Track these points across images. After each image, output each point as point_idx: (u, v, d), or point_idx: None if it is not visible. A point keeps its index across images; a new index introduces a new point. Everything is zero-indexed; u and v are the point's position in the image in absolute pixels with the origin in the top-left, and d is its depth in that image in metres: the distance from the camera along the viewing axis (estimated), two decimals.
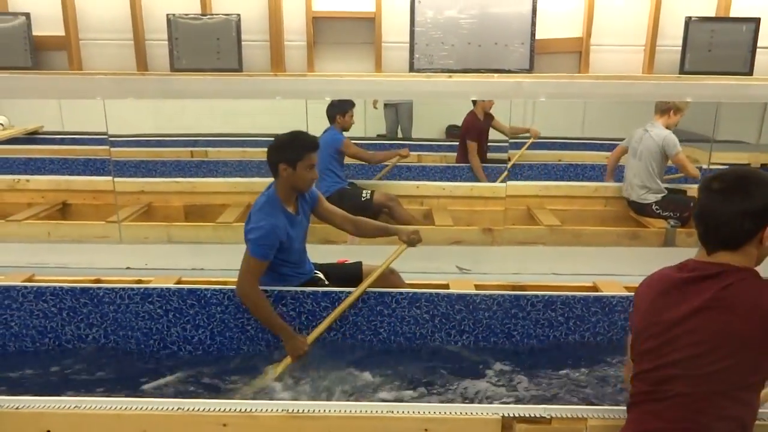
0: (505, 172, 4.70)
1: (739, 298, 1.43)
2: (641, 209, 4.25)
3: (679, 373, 1.48)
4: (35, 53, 3.33)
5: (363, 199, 4.20)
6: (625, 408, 1.71)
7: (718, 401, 1.45)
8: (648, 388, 1.54)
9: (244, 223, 2.72)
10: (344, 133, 4.37)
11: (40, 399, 1.99)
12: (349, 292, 2.76)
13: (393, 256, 2.81)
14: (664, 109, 4.15)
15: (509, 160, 4.68)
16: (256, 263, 2.59)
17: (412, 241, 2.80)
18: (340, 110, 4.29)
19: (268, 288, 2.77)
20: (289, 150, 2.63)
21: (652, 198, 4.18)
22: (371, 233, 2.97)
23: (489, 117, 4.86)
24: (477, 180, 4.72)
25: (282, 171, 2.63)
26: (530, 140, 5.04)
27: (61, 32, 3.31)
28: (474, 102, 4.75)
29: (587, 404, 2.32)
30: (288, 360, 2.59)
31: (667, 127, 4.16)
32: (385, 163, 4.75)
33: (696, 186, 4.26)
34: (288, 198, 2.70)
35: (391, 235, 2.90)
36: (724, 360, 1.43)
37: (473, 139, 4.76)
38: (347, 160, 4.50)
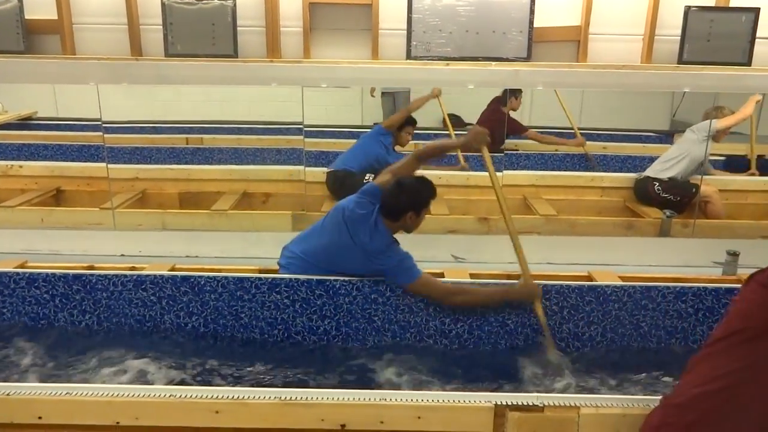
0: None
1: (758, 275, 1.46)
2: (644, 187, 4.26)
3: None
4: (27, 37, 3.30)
5: (365, 182, 4.20)
6: (616, 397, 1.72)
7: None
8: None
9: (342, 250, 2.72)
10: (398, 148, 4.38)
11: (31, 385, 1.99)
12: (344, 282, 2.75)
13: (489, 167, 2.74)
14: (706, 118, 4.18)
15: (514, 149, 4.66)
16: (424, 278, 2.67)
17: (481, 141, 2.72)
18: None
19: (263, 276, 2.77)
20: (419, 198, 2.67)
21: (663, 175, 4.19)
22: (433, 155, 2.96)
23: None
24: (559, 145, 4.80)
25: (408, 219, 2.67)
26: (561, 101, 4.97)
27: (54, 16, 3.28)
28: (505, 99, 4.63)
29: (580, 393, 2.32)
30: (538, 306, 2.63)
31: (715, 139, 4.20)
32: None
33: (695, 175, 4.30)
34: (395, 233, 2.75)
35: (454, 148, 2.98)
36: (731, 336, 1.46)
37: (524, 130, 4.75)
38: None
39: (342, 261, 2.73)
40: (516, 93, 4.61)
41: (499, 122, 4.71)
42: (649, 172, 4.32)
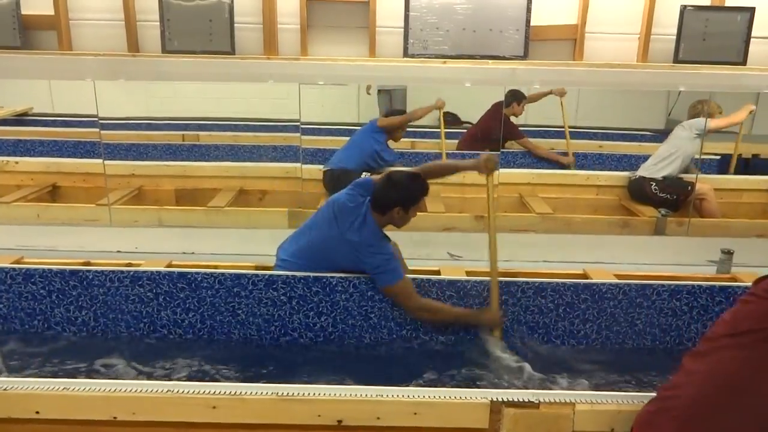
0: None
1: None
2: (640, 189, 4.27)
3: (718, 334, 1.53)
4: (24, 32, 3.29)
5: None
6: (612, 393, 1.73)
7: (743, 366, 1.48)
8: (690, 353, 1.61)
9: (330, 243, 2.70)
10: (390, 143, 4.41)
11: (28, 380, 1.98)
12: (341, 279, 2.75)
13: (489, 191, 2.76)
14: (693, 114, 4.19)
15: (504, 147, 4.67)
16: (403, 283, 2.65)
17: (490, 169, 2.74)
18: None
19: (260, 273, 2.77)
20: (408, 193, 2.65)
21: (657, 173, 4.21)
22: (440, 174, 2.92)
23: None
24: (551, 161, 4.80)
25: (395, 213, 2.64)
26: (562, 108, 4.87)
27: (51, 11, 3.27)
28: (508, 102, 4.62)
29: (575, 389, 2.34)
30: (498, 333, 2.65)
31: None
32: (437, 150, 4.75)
33: (690, 175, 4.32)
34: (384, 228, 2.73)
35: (463, 170, 2.89)
36: (742, 336, 1.47)
37: (522, 136, 4.77)
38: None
39: (332, 255, 2.72)
40: (519, 99, 4.62)
41: (498, 125, 4.75)
42: (643, 172, 4.33)
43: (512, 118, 4.77)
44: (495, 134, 4.67)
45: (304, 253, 2.78)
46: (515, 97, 4.61)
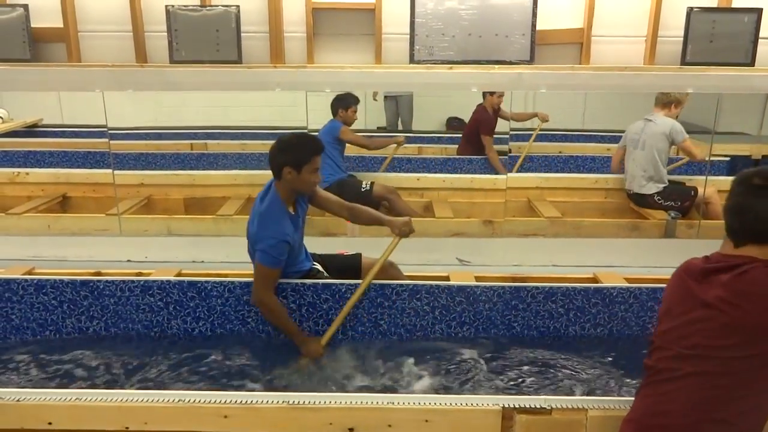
0: (519, 162, 4.79)
1: (751, 288, 1.44)
2: (642, 200, 4.24)
3: (692, 354, 1.49)
4: (34, 45, 3.32)
5: (363, 190, 4.19)
6: (624, 399, 1.72)
7: (729, 390, 1.46)
8: (662, 366, 1.57)
9: (248, 221, 2.70)
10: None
11: (41, 391, 2.00)
12: (350, 285, 2.76)
13: (388, 249, 2.76)
14: (665, 102, 4.13)
15: (510, 151, 4.67)
16: (270, 271, 2.60)
17: (404, 233, 2.74)
18: (342, 105, 4.27)
19: None
20: (294, 153, 2.57)
21: (654, 188, 4.17)
22: (365, 221, 2.92)
23: (496, 111, 4.85)
24: (496, 172, 4.71)
25: (286, 174, 2.57)
26: (538, 126, 4.98)
27: (60, 24, 3.30)
28: (484, 96, 4.72)
29: (587, 395, 2.33)
30: (305, 362, 2.59)
31: None
32: (385, 154, 4.75)
33: (697, 177, 4.30)
34: (289, 199, 2.67)
35: (384, 226, 2.83)
36: (735, 349, 1.43)
37: (488, 133, 4.72)
38: (348, 152, 4.49)
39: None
40: (492, 90, 4.62)
41: (480, 120, 4.77)
42: (638, 189, 4.22)
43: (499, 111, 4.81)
44: (480, 130, 4.72)
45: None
46: (491, 92, 4.62)
